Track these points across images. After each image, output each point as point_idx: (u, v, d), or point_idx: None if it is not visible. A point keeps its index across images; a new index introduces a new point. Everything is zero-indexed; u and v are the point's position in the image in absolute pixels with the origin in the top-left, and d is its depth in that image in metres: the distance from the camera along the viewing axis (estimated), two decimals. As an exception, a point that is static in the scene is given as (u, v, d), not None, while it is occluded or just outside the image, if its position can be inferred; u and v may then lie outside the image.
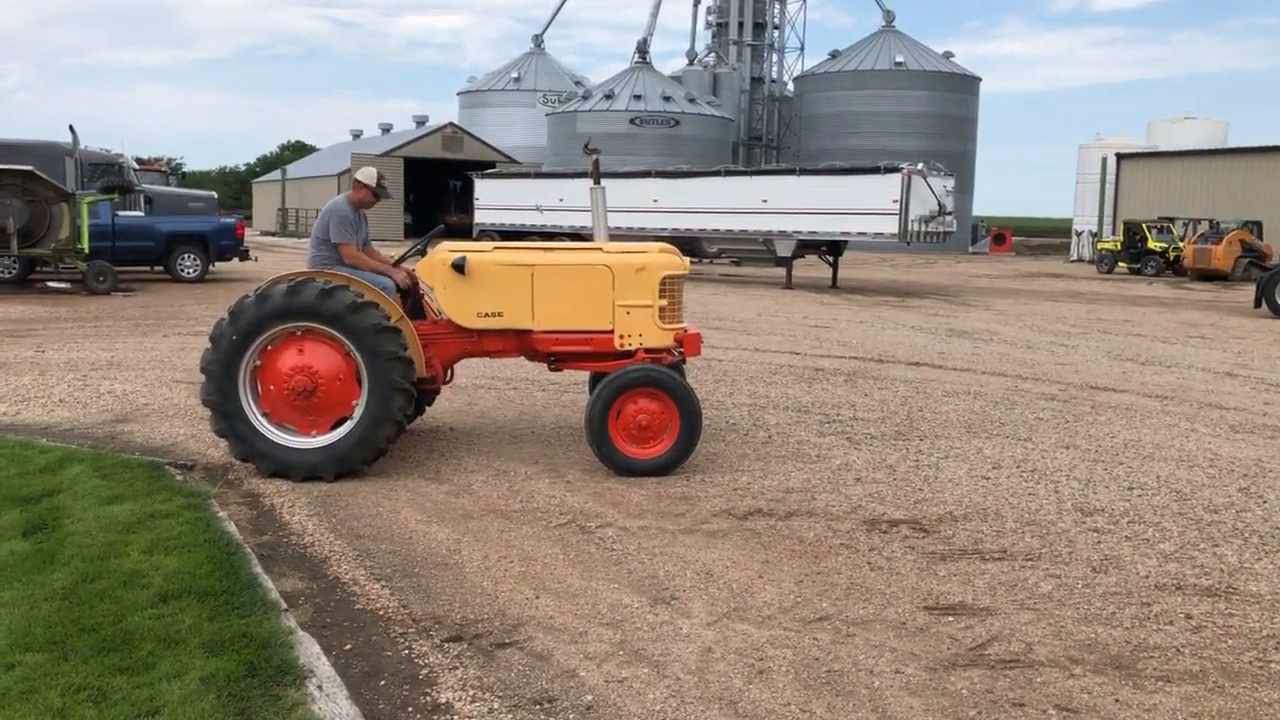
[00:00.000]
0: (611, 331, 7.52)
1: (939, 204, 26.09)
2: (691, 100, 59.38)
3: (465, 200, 43.56)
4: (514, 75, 72.22)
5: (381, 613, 4.72)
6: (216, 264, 24.11)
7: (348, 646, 4.36)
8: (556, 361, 7.84)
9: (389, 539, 5.76)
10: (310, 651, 4.19)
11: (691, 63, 65.28)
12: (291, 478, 6.89)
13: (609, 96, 59.35)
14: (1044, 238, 66.30)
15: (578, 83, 70.53)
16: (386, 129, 70.00)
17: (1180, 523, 6.18)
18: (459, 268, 7.46)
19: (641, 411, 7.16)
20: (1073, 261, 47.59)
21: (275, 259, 32.32)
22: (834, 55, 61.69)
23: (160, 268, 23.17)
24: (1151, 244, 37.80)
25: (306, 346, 7.01)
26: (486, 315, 7.57)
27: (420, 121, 65.02)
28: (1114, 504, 6.57)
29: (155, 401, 9.46)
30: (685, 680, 4.10)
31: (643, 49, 62.05)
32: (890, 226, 25.52)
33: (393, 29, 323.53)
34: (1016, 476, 7.26)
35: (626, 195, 31.70)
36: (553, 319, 7.56)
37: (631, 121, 57.68)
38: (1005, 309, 21.68)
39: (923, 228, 25.87)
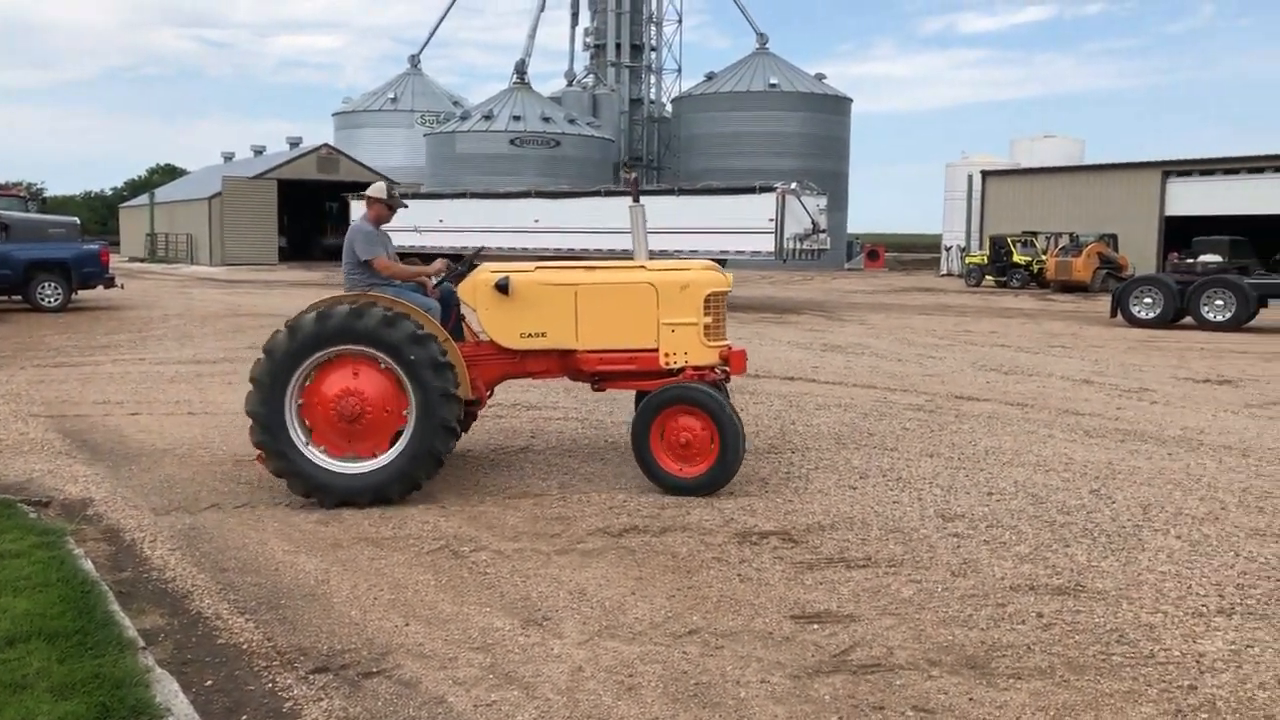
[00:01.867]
0: (656, 350, 7.43)
1: (813, 222, 26.72)
2: (571, 121, 59.56)
3: (342, 222, 42.85)
4: (391, 96, 71.34)
5: (245, 647, 4.61)
6: (80, 292, 23.23)
7: (209, 683, 4.25)
8: (600, 381, 7.72)
9: (254, 571, 5.63)
10: (168, 689, 4.07)
11: (570, 84, 65.49)
12: (358, 505, 6.86)
13: (488, 117, 59.14)
14: (916, 253, 68.37)
15: (456, 103, 70.08)
16: (259, 151, 68.33)
17: (1035, 525, 6.45)
18: (502, 288, 7.38)
19: (683, 430, 7.12)
20: (943, 276, 49.16)
21: (143, 286, 31.29)
22: (710, 77, 62.65)
23: (19, 297, 22.21)
24: (1016, 258, 39.30)
25: (358, 370, 6.97)
26: (530, 336, 7.52)
27: (294, 143, 63.71)
28: (974, 509, 6.82)
29: (9, 436, 9.06)
30: (555, 700, 4.11)
31: (521, 70, 62.03)
32: (767, 245, 26.02)
33: (266, 49, 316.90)
34: (882, 485, 7.47)
35: (507, 216, 31.66)
36: (597, 338, 7.48)
37: (511, 142, 57.57)
38: (878, 323, 22.27)
39: (798, 245, 26.44)
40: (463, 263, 8.09)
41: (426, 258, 33.14)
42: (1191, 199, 41.77)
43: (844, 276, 48.43)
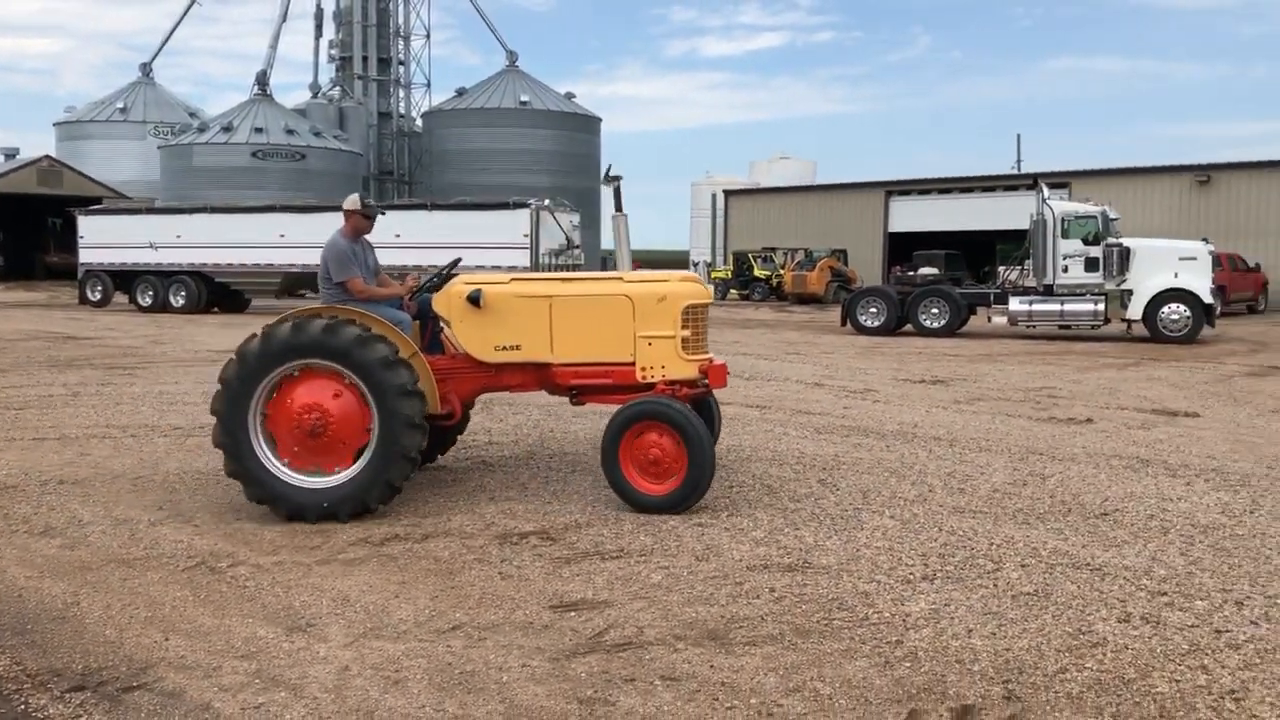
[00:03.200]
0: (633, 363, 7.28)
1: (567, 238, 27.35)
2: (317, 134, 57.99)
3: (68, 239, 40.03)
4: (120, 105, 67.15)
5: (-10, 673, 4.47)
6: None
7: (-48, 711, 4.12)
8: (578, 395, 7.62)
9: (-5, 599, 5.41)
10: (-92, 720, 3.93)
11: (316, 96, 63.72)
12: (307, 519, 6.78)
13: (228, 129, 56.72)
14: (668, 268, 70.49)
15: (193, 114, 66.81)
16: (-33, 162, 62.74)
17: (769, 512, 7.05)
18: (474, 300, 7.26)
19: (652, 446, 6.93)
20: (692, 289, 51.00)
21: None
22: (460, 93, 62.55)
23: None
24: (757, 272, 41.48)
25: (316, 384, 6.88)
26: (504, 348, 7.40)
27: (10, 154, 58.94)
28: (716, 501, 7.35)
29: None
30: (323, 699, 4.24)
31: (263, 81, 59.85)
32: (522, 260, 26.41)
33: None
34: (634, 485, 7.91)
35: (251, 231, 30.55)
36: (572, 351, 7.36)
37: (254, 155, 55.45)
38: (630, 335, 22.99)
39: (553, 261, 26.99)
40: (439, 274, 7.98)
41: (165, 275, 31.45)
42: (911, 216, 45.37)
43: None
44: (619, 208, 9.02)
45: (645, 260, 72.92)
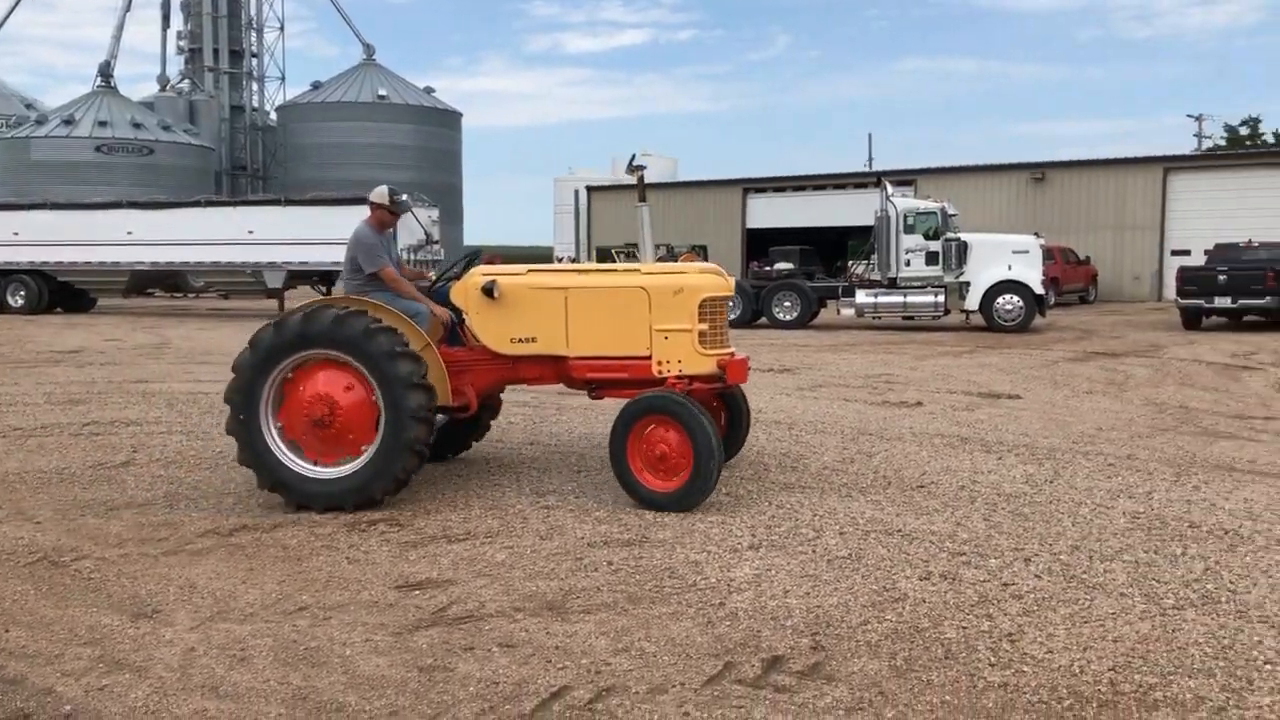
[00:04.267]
0: (649, 357, 7.15)
1: (426, 234, 27.24)
2: (166, 128, 56.12)
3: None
4: (-53, 95, 63.62)
5: None
6: None
7: None
8: (596, 389, 7.51)
9: None
10: None
11: (164, 88, 61.60)
12: (314, 509, 6.85)
13: (69, 122, 54.40)
14: (531, 264, 70.50)
15: (29, 105, 63.75)
16: None
17: (614, 493, 7.37)
18: (489, 292, 7.18)
19: (659, 441, 6.79)
20: (556, 285, 51.23)
21: None
22: (316, 86, 61.37)
23: None
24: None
25: (329, 376, 6.91)
26: (520, 341, 7.31)
27: None
28: (563, 485, 7.66)
29: None
30: (168, 678, 4.38)
31: (106, 72, 57.59)
32: (380, 256, 26.18)
33: None
34: (485, 473, 8.16)
35: (97, 229, 29.50)
36: (587, 344, 7.25)
37: (98, 149, 53.35)
38: (491, 330, 23.11)
39: (412, 257, 26.82)
40: (458, 261, 7.86)
41: (1, 274, 30.05)
42: (769, 213, 46.51)
43: (460, 288, 49.17)
44: (642, 198, 8.90)
45: (515, 256, 72.80)
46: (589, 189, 51.70)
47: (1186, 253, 34.28)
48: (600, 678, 4.31)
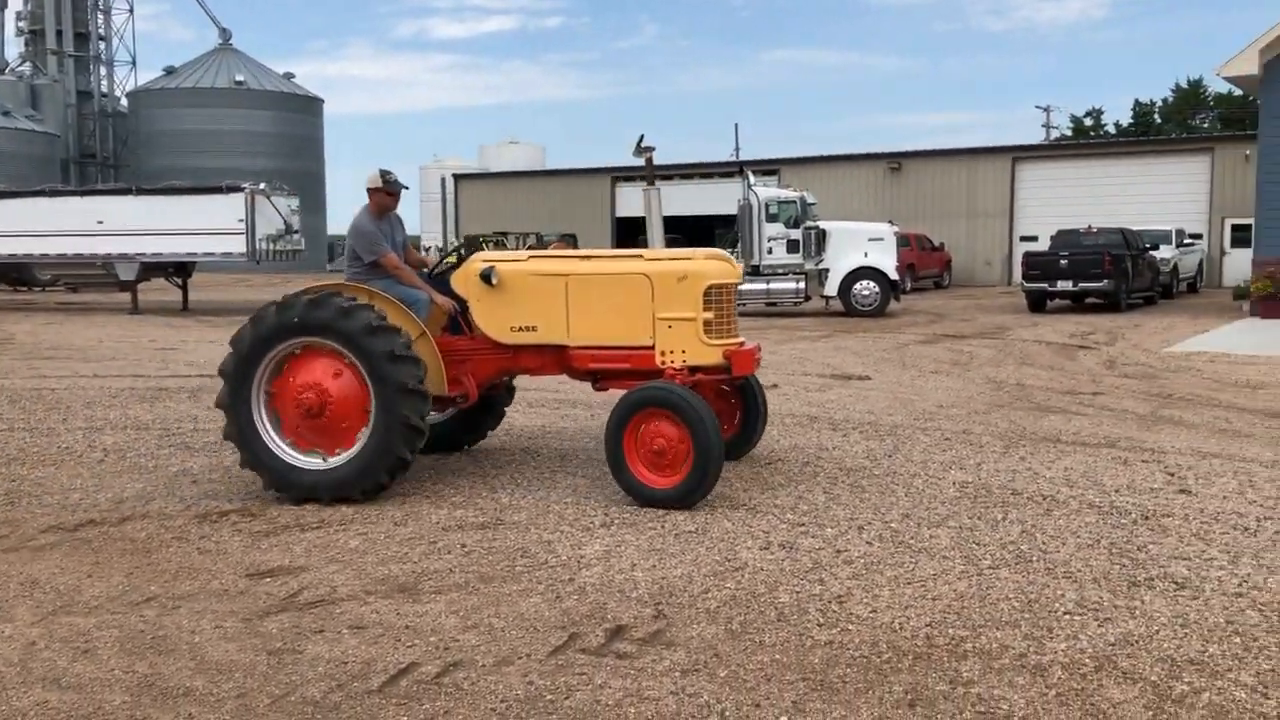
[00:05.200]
0: (652, 347, 6.89)
1: (286, 223, 26.66)
2: (6, 113, 53.43)
3: None
4: None
5: None
6: None
7: None
8: (599, 380, 7.28)
9: None
10: None
11: (3, 72, 58.54)
12: (319, 499, 6.76)
13: (-103, 106, 51.28)
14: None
15: None
16: None
17: (470, 479, 7.49)
18: (486, 278, 6.97)
19: (657, 435, 6.50)
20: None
21: None
22: (170, 71, 59.19)
23: None
24: (489, 256, 41.76)
25: (317, 364, 6.78)
26: (520, 329, 7.10)
27: None
28: (421, 472, 7.71)
29: None
30: (7, 672, 4.33)
31: (-62, 53, 54.42)
32: (239, 246, 25.58)
33: None
34: (342, 461, 8.16)
35: (-71, 219, 27.95)
36: (588, 333, 7.02)
37: (-69, 135, 50.43)
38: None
39: (272, 247, 26.27)
40: (457, 247, 7.63)
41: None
42: (637, 201, 46.81)
43: (327, 277, 48.16)
44: (651, 181, 8.45)
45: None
46: (456, 177, 51.27)
47: (1034, 239, 35.95)
48: (448, 653, 4.44)
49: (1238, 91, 35.10)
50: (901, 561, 5.52)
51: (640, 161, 7.46)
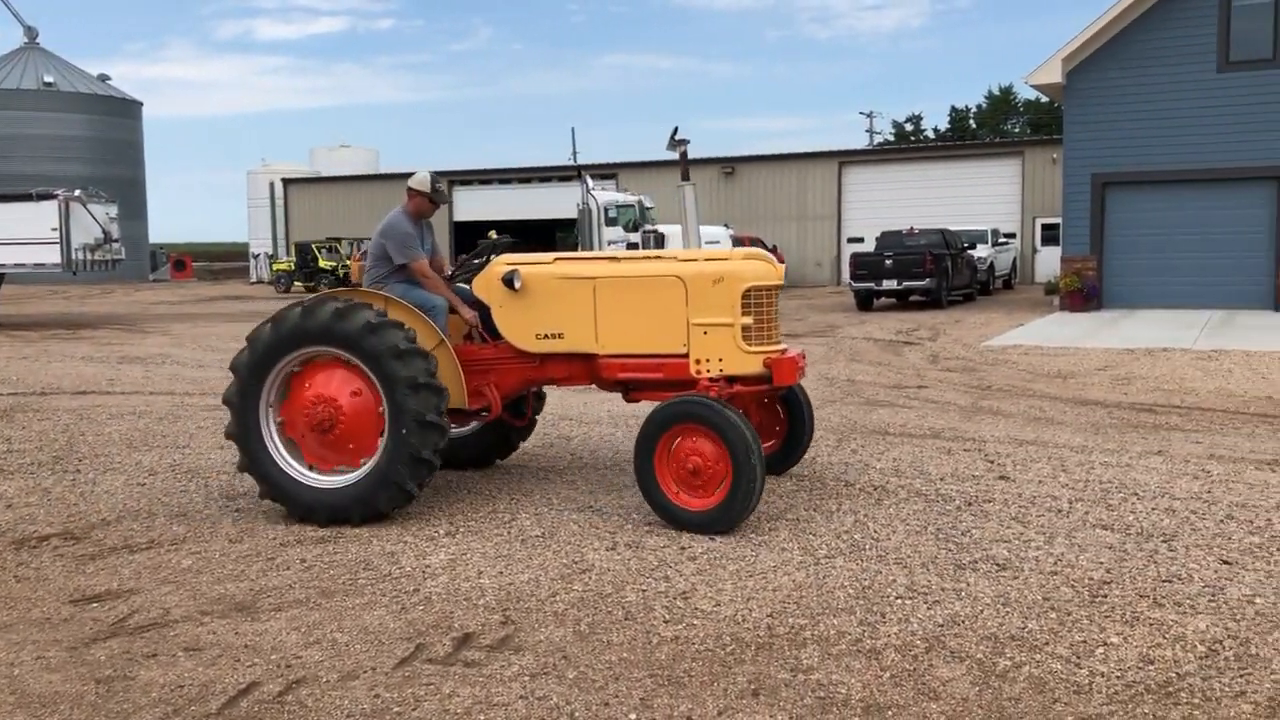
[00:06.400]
0: (686, 355, 6.39)
1: (104, 231, 25.36)
2: None
3: None
4: None
5: None
6: None
7: None
8: (630, 391, 6.76)
9: None
10: None
11: None
12: (316, 521, 6.36)
13: None
14: (226, 261, 67.04)
15: None
16: None
17: (309, 492, 7.30)
18: (509, 283, 6.55)
19: (692, 453, 6.01)
20: (254, 283, 49.07)
21: None
22: (-30, 71, 55.40)
23: None
24: (322, 263, 40.61)
25: (332, 375, 6.39)
26: (546, 337, 6.63)
27: None
28: (255, 487, 7.47)
29: None
30: None
31: None
32: (52, 256, 24.21)
33: None
34: (171, 479, 7.84)
35: None
36: (619, 341, 6.53)
37: None
38: (181, 333, 21.95)
39: (89, 256, 24.95)
40: (479, 254, 7.05)
41: None
42: (476, 205, 46.51)
43: (149, 288, 46.10)
44: (685, 176, 7.81)
45: (208, 254, 68.88)
46: (285, 181, 49.77)
47: (861, 240, 37.30)
48: (290, 671, 4.34)
49: (1045, 98, 37.23)
50: (743, 555, 5.68)
51: (675, 155, 7.23)
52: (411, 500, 6.47)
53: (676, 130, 9.09)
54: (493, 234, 9.69)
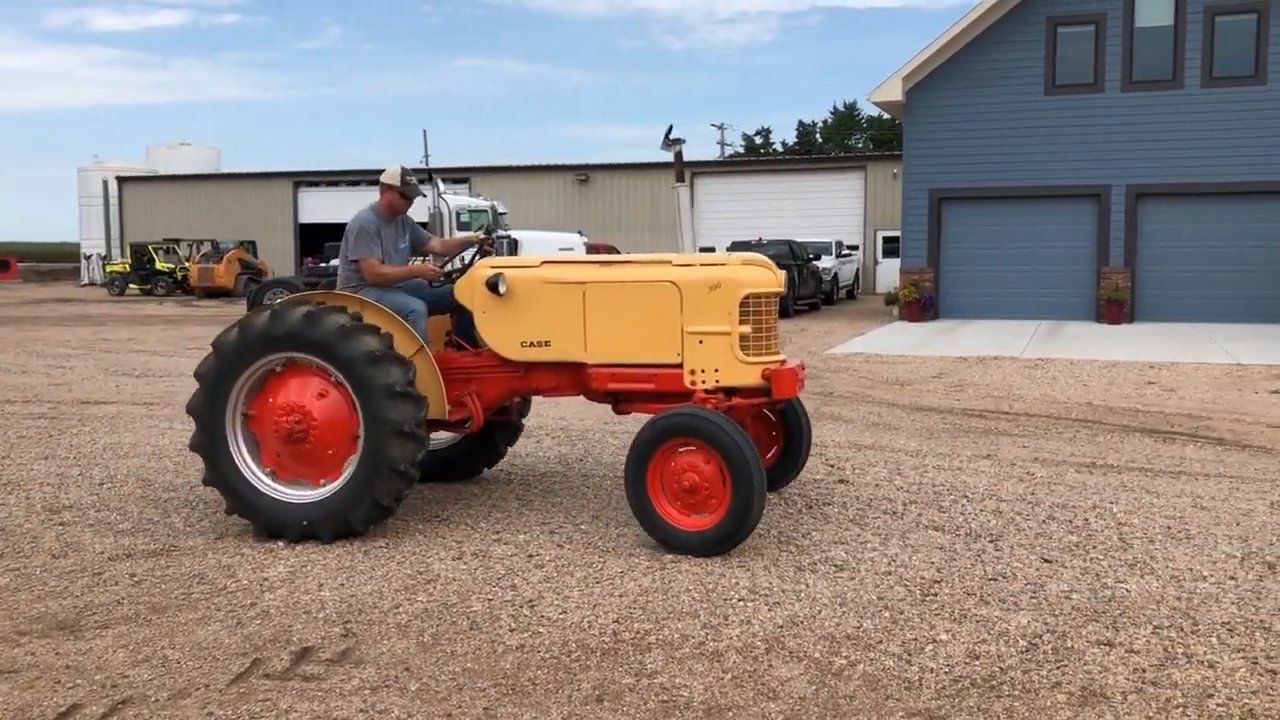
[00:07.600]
0: (680, 365, 6.03)
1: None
2: None
3: None
4: None
5: None
6: None
7: None
8: (620, 403, 6.39)
9: None
10: None
11: None
12: (288, 536, 6.02)
13: None
14: (55, 262, 63.54)
15: None
16: None
17: (140, 504, 7.00)
18: (493, 287, 6.18)
19: (687, 470, 5.64)
20: (85, 285, 46.72)
21: None
22: None
23: None
24: (160, 265, 38.99)
25: (303, 383, 6.03)
26: (531, 345, 6.27)
27: None
28: (83, 499, 7.14)
29: None
30: None
31: None
32: None
33: None
34: (-12, 492, 7.40)
35: None
36: (608, 349, 6.18)
37: None
38: (4, 337, 20.73)
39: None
40: (466, 251, 6.63)
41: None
42: (323, 207, 45.37)
43: (-34, 289, 43.32)
44: (680, 177, 7.36)
45: (35, 254, 65.08)
46: (120, 179, 47.57)
47: (712, 249, 37.86)
48: (116, 691, 4.15)
49: (886, 115, 38.62)
50: (591, 562, 5.70)
51: (669, 156, 7.07)
52: (389, 515, 6.16)
53: (671, 129, 9.05)
54: (479, 233, 9.35)
